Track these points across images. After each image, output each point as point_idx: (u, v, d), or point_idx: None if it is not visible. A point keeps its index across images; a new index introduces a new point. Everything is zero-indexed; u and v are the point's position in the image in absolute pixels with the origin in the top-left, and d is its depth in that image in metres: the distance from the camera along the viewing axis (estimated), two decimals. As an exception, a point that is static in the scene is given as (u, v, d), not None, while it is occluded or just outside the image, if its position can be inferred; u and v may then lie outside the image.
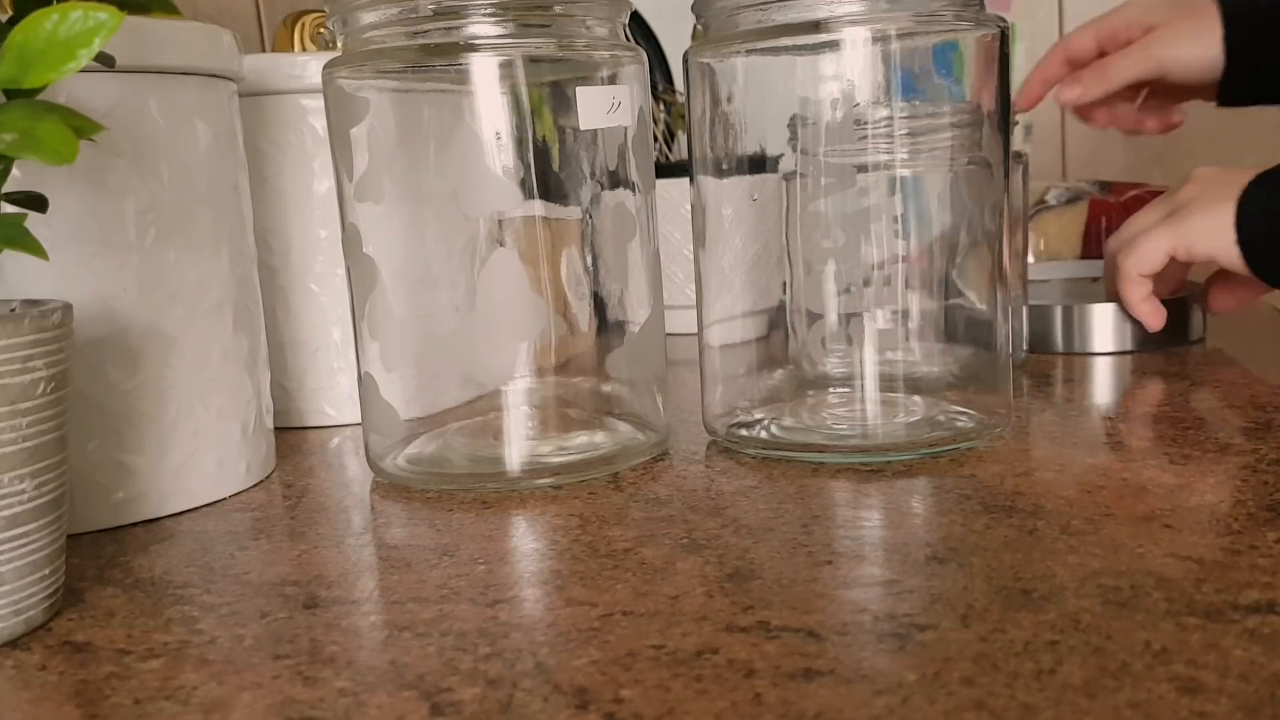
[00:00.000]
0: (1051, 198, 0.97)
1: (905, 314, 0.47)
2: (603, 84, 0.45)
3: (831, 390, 0.50)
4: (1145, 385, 0.56)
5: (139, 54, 0.41)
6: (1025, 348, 0.64)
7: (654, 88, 0.95)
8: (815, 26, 0.43)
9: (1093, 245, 0.94)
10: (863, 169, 0.45)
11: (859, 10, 0.43)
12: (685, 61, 0.48)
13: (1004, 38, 0.45)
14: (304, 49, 0.64)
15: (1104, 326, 0.64)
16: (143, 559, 0.39)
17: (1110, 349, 0.64)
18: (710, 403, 0.50)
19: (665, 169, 0.77)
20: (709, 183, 0.48)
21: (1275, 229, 0.55)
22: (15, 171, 0.38)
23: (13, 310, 0.33)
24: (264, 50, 0.87)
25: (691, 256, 0.55)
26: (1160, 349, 0.63)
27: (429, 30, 0.43)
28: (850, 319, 0.47)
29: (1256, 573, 0.31)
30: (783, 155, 0.48)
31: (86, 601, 0.35)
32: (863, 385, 0.46)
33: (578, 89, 0.44)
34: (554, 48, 0.44)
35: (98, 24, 0.30)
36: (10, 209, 0.34)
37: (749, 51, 0.45)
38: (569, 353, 0.47)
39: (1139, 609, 0.29)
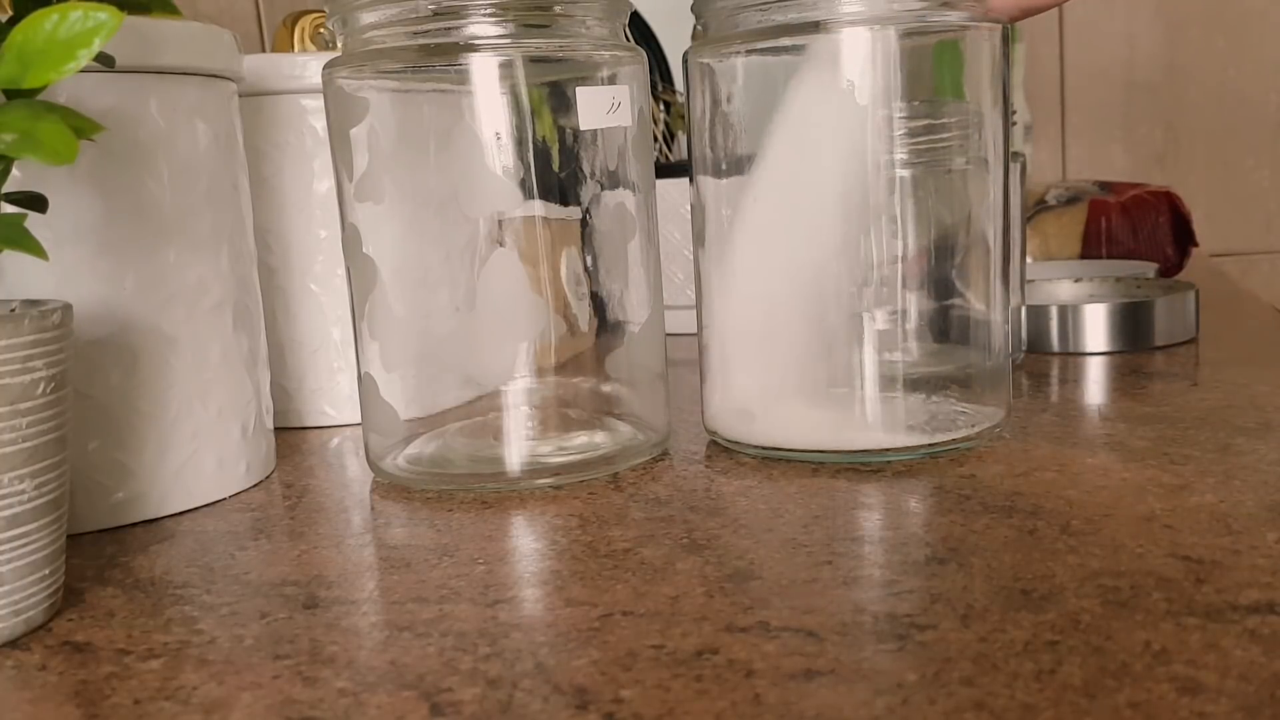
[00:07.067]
0: (1051, 198, 0.97)
1: (904, 314, 0.47)
2: (603, 84, 0.45)
3: (831, 390, 0.50)
4: (1144, 385, 0.56)
5: (139, 54, 0.41)
6: (1024, 348, 0.64)
7: (654, 88, 0.96)
8: (815, 26, 0.43)
9: (1093, 245, 0.94)
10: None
11: (859, 10, 0.43)
12: (685, 61, 0.48)
13: (1004, 38, 0.45)
14: (304, 49, 0.64)
15: (1103, 327, 0.64)
16: (143, 559, 0.39)
17: (1109, 349, 0.64)
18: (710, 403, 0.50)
19: (665, 169, 0.76)
20: (709, 183, 0.48)
21: None
22: (15, 171, 0.38)
23: (13, 310, 0.33)
24: (264, 50, 0.87)
25: (691, 256, 0.55)
26: (1157, 349, 0.64)
27: (429, 30, 0.43)
28: (849, 319, 0.47)
29: (1256, 573, 0.31)
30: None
31: (86, 601, 0.35)
32: (862, 385, 0.46)
33: (578, 89, 0.44)
34: (554, 48, 0.44)
35: (98, 24, 0.30)
36: (10, 209, 0.34)
37: (749, 51, 0.45)
38: (569, 353, 0.47)
39: (1139, 609, 0.29)
